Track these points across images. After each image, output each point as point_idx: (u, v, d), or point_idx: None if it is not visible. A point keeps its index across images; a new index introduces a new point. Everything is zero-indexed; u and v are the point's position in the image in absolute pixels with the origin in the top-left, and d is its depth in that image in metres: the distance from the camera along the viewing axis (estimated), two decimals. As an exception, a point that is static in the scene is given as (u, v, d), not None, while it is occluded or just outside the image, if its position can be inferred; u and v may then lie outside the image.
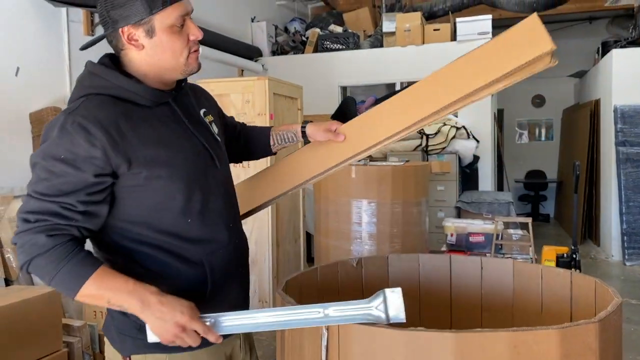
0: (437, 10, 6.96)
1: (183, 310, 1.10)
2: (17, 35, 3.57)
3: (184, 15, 1.20)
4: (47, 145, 1.13)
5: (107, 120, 1.13)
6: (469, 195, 5.61)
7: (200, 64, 1.28)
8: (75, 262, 1.10)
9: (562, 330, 0.97)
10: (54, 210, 1.10)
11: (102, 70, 1.20)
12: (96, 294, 1.10)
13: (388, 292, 1.07)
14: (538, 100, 9.67)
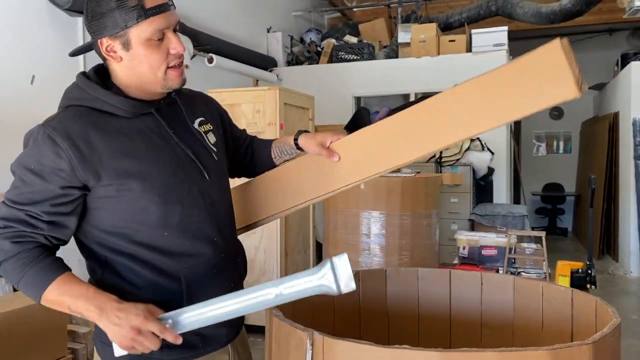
0: (453, 21, 6.94)
1: (138, 312, 1.09)
2: (33, 44, 3.63)
3: (164, 29, 1.17)
4: (22, 155, 1.16)
5: (77, 133, 1.14)
6: (482, 208, 5.53)
7: (185, 79, 1.25)
8: (40, 268, 1.11)
9: (553, 352, 0.94)
10: (20, 217, 1.12)
11: (84, 81, 1.21)
12: (57, 299, 1.11)
13: (335, 260, 1.05)
14: (556, 113, 9.55)
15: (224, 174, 1.38)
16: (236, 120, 4.13)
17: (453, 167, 5.55)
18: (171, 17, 1.19)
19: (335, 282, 1.05)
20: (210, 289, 1.24)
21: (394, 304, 1.63)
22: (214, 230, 1.28)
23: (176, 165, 1.23)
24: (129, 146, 1.17)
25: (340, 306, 1.57)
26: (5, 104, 3.42)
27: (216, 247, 1.28)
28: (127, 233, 1.19)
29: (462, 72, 6.01)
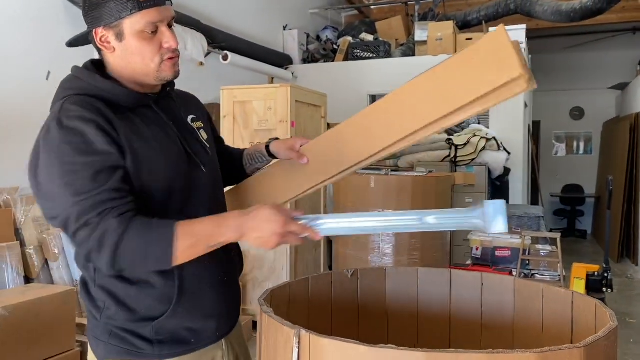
0: (471, 19, 6.86)
1: (273, 219, 1.11)
2: (49, 40, 3.68)
3: (157, 23, 1.19)
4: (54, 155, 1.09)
5: (96, 112, 1.13)
6: (498, 209, 5.46)
7: (178, 71, 1.26)
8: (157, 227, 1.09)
9: (541, 355, 0.91)
10: (103, 198, 1.08)
11: (82, 72, 1.21)
12: (192, 244, 1.09)
13: (489, 203, 1.06)
14: (577, 113, 9.40)
15: (218, 169, 1.40)
16: (248, 118, 4.14)
17: (468, 167, 5.49)
18: (165, 12, 1.20)
19: (485, 222, 1.06)
20: (204, 278, 1.25)
21: (393, 303, 1.61)
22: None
23: (178, 156, 1.24)
24: (139, 135, 1.18)
25: (338, 305, 1.55)
26: (22, 99, 3.47)
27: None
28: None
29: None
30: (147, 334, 1.19)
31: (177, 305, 1.20)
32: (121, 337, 1.20)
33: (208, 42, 5.01)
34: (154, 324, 1.19)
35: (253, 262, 3.96)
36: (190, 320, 1.23)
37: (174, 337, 1.20)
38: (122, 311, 1.18)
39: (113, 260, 1.06)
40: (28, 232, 3.18)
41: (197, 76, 5.11)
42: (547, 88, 9.06)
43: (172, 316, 1.19)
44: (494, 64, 1.08)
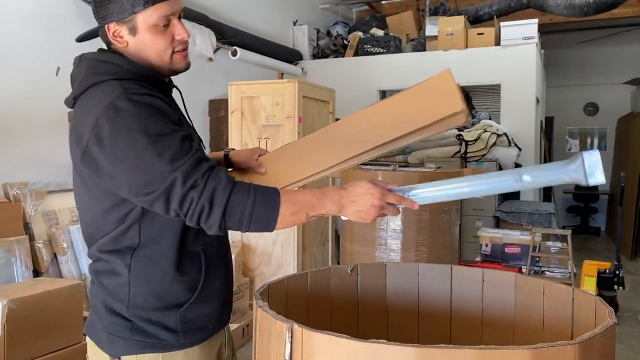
0: (483, 14, 6.79)
1: (371, 191, 1.15)
2: (58, 36, 3.71)
3: (169, 16, 1.21)
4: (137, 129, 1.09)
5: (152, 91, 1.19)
6: (508, 205, 5.42)
7: (189, 62, 1.30)
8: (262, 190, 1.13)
9: (535, 351, 0.90)
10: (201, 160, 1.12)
11: (112, 56, 1.22)
12: (295, 210, 1.13)
13: (586, 154, 1.06)
14: (590, 108, 9.27)
15: None
16: (255, 113, 4.15)
17: (479, 163, 5.45)
18: (176, 5, 1.23)
19: (584, 174, 1.06)
20: (219, 267, 1.30)
21: (394, 299, 1.60)
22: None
23: (197, 142, 1.28)
24: (179, 114, 1.25)
25: (338, 301, 1.55)
26: (32, 94, 3.51)
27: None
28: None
29: (490, 65, 5.93)
30: (172, 324, 1.22)
31: (201, 291, 1.24)
32: (144, 330, 1.21)
33: (217, 37, 5.02)
34: (180, 311, 1.22)
35: (260, 258, 3.97)
36: (209, 306, 1.27)
37: (195, 325, 1.24)
38: (152, 299, 1.20)
39: (223, 218, 1.09)
40: (37, 226, 3.21)
41: (206, 72, 5.12)
42: (560, 83, 8.96)
43: (195, 302, 1.23)
44: (440, 100, 1.22)
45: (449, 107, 1.19)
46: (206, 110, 5.23)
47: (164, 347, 1.21)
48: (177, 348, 1.22)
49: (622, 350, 3.71)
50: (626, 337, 3.95)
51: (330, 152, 1.34)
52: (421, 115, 1.23)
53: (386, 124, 1.28)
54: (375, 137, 1.28)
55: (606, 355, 1.01)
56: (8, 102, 3.36)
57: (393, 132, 1.26)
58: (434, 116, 1.21)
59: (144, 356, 1.21)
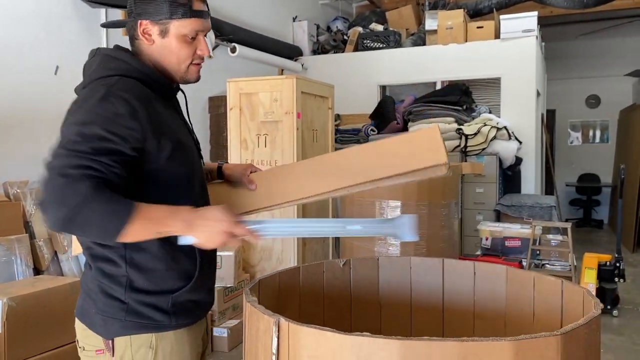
0: (483, 7, 6.76)
1: (222, 218, 1.19)
2: (57, 36, 3.73)
3: (199, 31, 1.32)
4: (87, 113, 1.17)
5: (144, 98, 1.23)
6: (509, 199, 5.42)
7: (200, 76, 1.40)
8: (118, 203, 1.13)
9: (517, 343, 0.91)
10: (92, 166, 1.13)
11: (125, 55, 1.30)
12: (143, 225, 1.14)
13: (405, 216, 1.31)
14: (592, 101, 9.24)
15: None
16: (254, 109, 4.15)
17: (479, 157, 5.45)
18: (207, 24, 1.35)
19: (400, 231, 1.29)
20: (209, 259, 1.39)
21: (386, 293, 1.61)
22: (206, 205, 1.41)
23: (191, 145, 1.39)
24: (170, 119, 1.31)
25: (330, 295, 1.56)
26: (31, 93, 3.53)
27: None
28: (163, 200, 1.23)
29: (490, 59, 5.91)
30: (165, 306, 1.29)
31: (195, 282, 1.32)
32: (138, 311, 1.27)
33: (216, 34, 5.03)
34: (173, 295, 1.29)
35: (261, 254, 3.99)
36: (198, 294, 1.35)
37: (184, 309, 1.32)
38: (147, 284, 1.27)
39: (67, 220, 1.09)
40: (37, 225, 3.23)
41: (205, 69, 5.11)
42: (561, 76, 8.93)
43: (188, 291, 1.31)
44: (426, 150, 1.36)
45: (433, 158, 1.35)
46: (206, 107, 5.24)
47: (157, 328, 1.29)
48: (169, 329, 1.30)
49: (623, 342, 3.71)
50: (627, 329, 3.95)
51: (320, 180, 1.44)
52: (408, 161, 1.37)
53: (376, 163, 1.39)
54: (364, 173, 1.39)
55: (590, 346, 1.02)
56: (8, 101, 3.38)
57: (381, 171, 1.38)
58: (419, 163, 1.36)
59: (139, 337, 1.28)
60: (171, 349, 1.30)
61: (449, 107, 5.51)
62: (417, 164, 1.36)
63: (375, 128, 5.93)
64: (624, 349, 3.59)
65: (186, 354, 1.33)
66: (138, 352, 1.27)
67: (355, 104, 6.30)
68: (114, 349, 1.27)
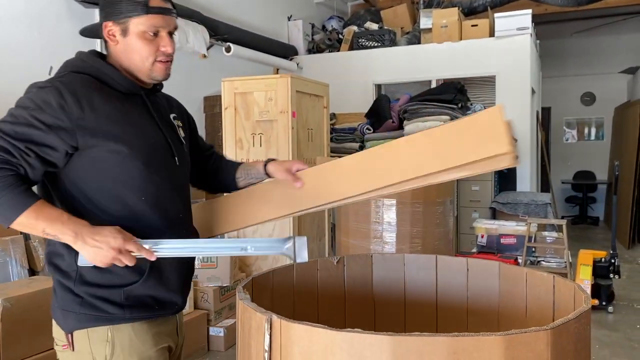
0: (477, 5, 6.77)
1: (115, 235, 1.21)
2: (51, 36, 3.72)
3: (159, 28, 1.34)
4: (24, 98, 1.26)
5: (83, 93, 1.26)
6: (504, 196, 5.43)
7: (169, 74, 1.41)
8: (18, 192, 1.18)
9: (507, 338, 0.91)
10: (8, 149, 1.19)
11: (88, 56, 1.38)
12: (33, 222, 1.19)
13: (297, 238, 1.33)
14: (587, 98, 9.27)
15: (189, 166, 1.53)
16: (249, 109, 4.13)
17: (474, 155, 5.45)
18: (169, 21, 1.37)
19: (294, 253, 1.33)
20: (171, 259, 1.37)
21: (380, 290, 1.62)
22: (179, 209, 1.43)
23: (157, 143, 1.38)
24: (124, 114, 1.32)
25: (325, 292, 1.56)
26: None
27: (177, 224, 1.41)
28: (109, 193, 1.30)
29: (484, 57, 5.92)
30: (117, 299, 1.31)
31: (147, 278, 1.33)
32: (93, 304, 1.29)
33: (210, 34, 5.02)
34: (125, 289, 1.31)
35: (257, 253, 3.98)
36: (155, 291, 1.36)
37: (140, 303, 1.33)
38: (98, 278, 1.29)
39: None
40: (33, 225, 3.22)
41: (200, 69, 5.13)
42: (556, 74, 8.95)
43: (141, 286, 1.33)
44: (486, 138, 1.17)
45: (495, 147, 1.15)
46: (201, 107, 5.24)
47: (111, 320, 1.31)
48: (124, 321, 1.32)
49: (618, 338, 3.73)
50: (622, 324, 3.97)
51: (367, 177, 1.36)
52: (464, 152, 1.19)
53: (427, 156, 1.25)
54: (414, 168, 1.26)
55: (581, 341, 1.02)
56: (1, 101, 3.37)
57: (432, 165, 1.23)
58: (477, 154, 1.17)
59: (95, 329, 1.30)
60: (130, 343, 1.32)
61: (444, 106, 5.52)
62: (475, 155, 1.17)
63: (370, 127, 5.94)
64: (619, 345, 3.61)
65: (147, 348, 1.34)
66: (96, 346, 1.30)
67: (350, 102, 6.30)
68: (73, 344, 1.30)
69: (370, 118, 6.02)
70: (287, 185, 1.51)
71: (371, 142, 5.86)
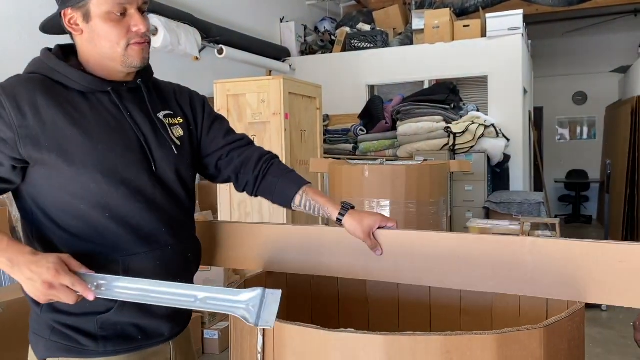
0: (469, 6, 6.80)
1: (49, 265, 1.01)
2: (41, 39, 3.69)
3: (125, 4, 1.15)
4: None
5: (24, 96, 1.11)
6: (498, 196, 5.44)
7: (146, 58, 1.21)
8: None
9: (500, 336, 0.91)
10: None
11: (44, 53, 1.20)
12: None
13: (268, 293, 1.01)
14: (579, 98, 9.32)
15: (184, 169, 1.29)
16: (241, 111, 4.11)
17: (467, 155, 5.47)
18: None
19: (255, 314, 0.99)
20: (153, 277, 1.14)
21: (374, 290, 1.62)
22: (159, 223, 1.21)
23: (126, 148, 1.17)
24: (75, 118, 1.13)
25: (318, 294, 1.56)
26: (15, 98, 3.50)
27: (160, 239, 1.21)
28: (68, 209, 1.13)
29: (477, 57, 5.94)
30: (91, 329, 1.15)
31: (123, 303, 1.14)
32: (63, 333, 1.15)
33: (202, 36, 5.01)
34: (98, 317, 1.15)
35: (251, 255, 3.97)
36: (137, 317, 1.18)
37: (119, 333, 1.16)
38: (64, 304, 1.08)
39: None
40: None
41: (193, 71, 5.11)
42: (548, 73, 8.99)
43: (117, 313, 1.15)
44: None
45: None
46: (194, 109, 5.23)
47: (81, 353, 1.14)
48: (97, 355, 1.15)
49: (612, 336, 3.74)
50: (615, 323, 3.99)
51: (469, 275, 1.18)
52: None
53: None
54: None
55: (574, 339, 1.02)
56: (-8, 106, 3.35)
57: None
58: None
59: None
60: None
61: (437, 106, 5.53)
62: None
63: (364, 128, 5.95)
64: (613, 343, 3.62)
65: None
66: None
67: (343, 104, 6.31)
68: None
69: (363, 119, 6.03)
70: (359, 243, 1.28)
71: (365, 143, 5.87)
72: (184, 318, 1.34)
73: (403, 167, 3.50)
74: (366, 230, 1.25)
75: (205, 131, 1.38)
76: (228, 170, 1.39)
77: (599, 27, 8.51)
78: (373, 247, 1.26)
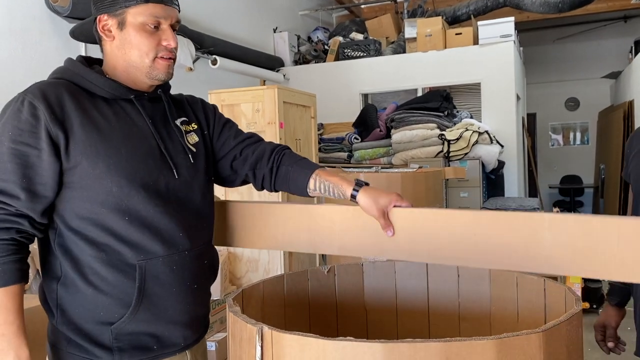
0: (461, 14, 6.86)
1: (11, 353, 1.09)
2: (35, 52, 3.69)
3: (160, 18, 1.22)
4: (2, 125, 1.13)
5: (53, 97, 1.14)
6: (493, 202, 5.45)
7: (171, 73, 1.27)
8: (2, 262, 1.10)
9: (499, 341, 0.91)
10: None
11: (69, 61, 1.26)
12: None
13: None
14: (572, 104, 9.39)
15: (201, 175, 1.33)
16: (236, 120, 4.12)
17: (462, 162, 5.49)
18: (170, 12, 1.24)
19: None
20: (168, 285, 1.22)
21: (372, 298, 1.61)
22: (177, 228, 1.23)
23: (147, 154, 1.22)
24: (100, 123, 1.18)
25: (316, 302, 1.56)
26: (8, 111, 3.48)
27: (178, 244, 1.23)
28: (87, 215, 1.16)
29: (469, 65, 5.97)
30: (106, 341, 1.17)
31: (136, 308, 1.17)
32: (79, 345, 1.17)
33: (196, 47, 5.02)
34: (113, 327, 1.17)
35: (247, 265, 3.96)
36: (152, 326, 1.19)
37: (134, 344, 1.18)
38: (79, 313, 1.16)
39: None
40: (19, 243, 3.18)
41: (187, 82, 5.12)
42: (540, 80, 9.06)
43: (131, 320, 1.17)
44: None
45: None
46: (188, 120, 5.23)
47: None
48: None
49: (609, 340, 3.73)
50: (613, 327, 3.98)
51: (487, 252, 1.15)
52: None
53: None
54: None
55: (572, 343, 1.02)
56: (-15, 119, 3.34)
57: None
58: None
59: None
60: None
61: (431, 113, 5.55)
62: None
63: (358, 136, 5.97)
64: (611, 347, 3.61)
65: None
66: None
67: (338, 112, 6.32)
68: None
69: (358, 127, 6.04)
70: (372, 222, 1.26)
71: (359, 151, 5.88)
72: (201, 325, 1.34)
73: (398, 175, 3.51)
74: (381, 208, 1.24)
75: (217, 135, 1.43)
76: (244, 168, 1.42)
77: (590, 34, 8.60)
78: (385, 227, 1.25)
